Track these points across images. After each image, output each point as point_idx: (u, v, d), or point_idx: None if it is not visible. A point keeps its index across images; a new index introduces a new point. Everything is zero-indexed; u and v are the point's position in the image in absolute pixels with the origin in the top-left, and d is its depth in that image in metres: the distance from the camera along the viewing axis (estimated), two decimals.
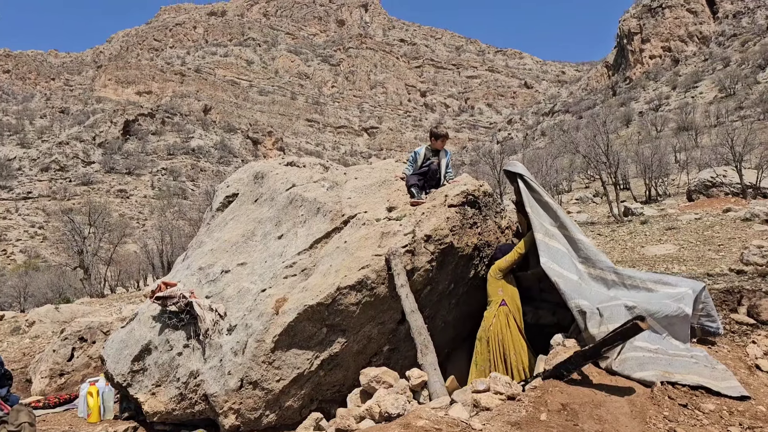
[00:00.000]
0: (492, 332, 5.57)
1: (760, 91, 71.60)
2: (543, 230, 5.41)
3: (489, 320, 5.65)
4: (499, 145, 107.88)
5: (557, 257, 5.22)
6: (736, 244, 13.94)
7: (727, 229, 16.53)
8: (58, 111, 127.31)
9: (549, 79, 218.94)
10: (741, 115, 66.83)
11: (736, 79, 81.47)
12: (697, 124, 66.62)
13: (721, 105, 74.68)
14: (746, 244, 13.11)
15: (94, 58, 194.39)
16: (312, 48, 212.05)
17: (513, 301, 5.72)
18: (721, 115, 68.87)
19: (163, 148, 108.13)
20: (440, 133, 6.61)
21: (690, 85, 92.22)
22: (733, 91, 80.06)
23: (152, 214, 74.73)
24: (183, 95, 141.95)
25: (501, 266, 5.82)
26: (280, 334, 5.26)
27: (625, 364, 4.30)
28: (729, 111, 70.15)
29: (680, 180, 40.86)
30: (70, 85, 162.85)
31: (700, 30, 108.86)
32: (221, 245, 6.91)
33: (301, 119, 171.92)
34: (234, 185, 8.08)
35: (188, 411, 5.70)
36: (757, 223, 16.50)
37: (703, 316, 4.94)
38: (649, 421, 3.65)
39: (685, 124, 67.30)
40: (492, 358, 5.55)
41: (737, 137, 31.98)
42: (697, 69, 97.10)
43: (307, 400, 5.54)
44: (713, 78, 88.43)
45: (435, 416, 3.63)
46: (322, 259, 5.79)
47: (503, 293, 5.73)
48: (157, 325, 6.14)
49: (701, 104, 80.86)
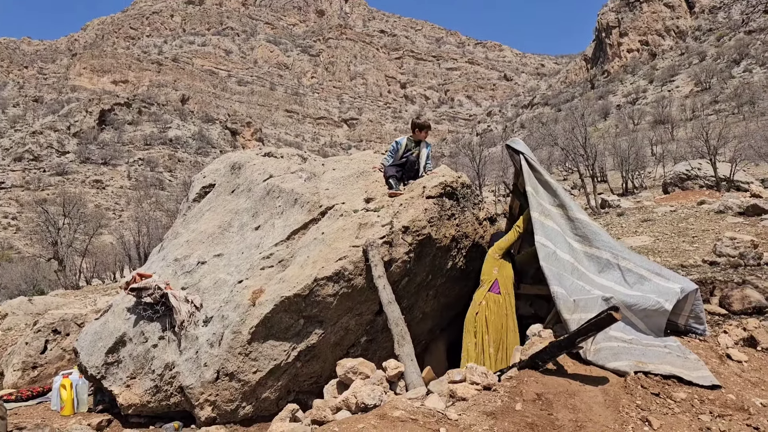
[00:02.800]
0: (479, 319, 5.58)
1: (735, 85, 72.77)
2: (539, 209, 5.41)
3: (478, 300, 5.66)
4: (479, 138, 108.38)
5: (551, 236, 5.23)
6: (709, 235, 14.17)
7: (701, 221, 16.79)
8: (32, 100, 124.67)
9: (528, 72, 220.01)
10: (716, 109, 67.89)
11: (711, 74, 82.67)
12: (673, 117, 67.53)
13: (696, 99, 75.75)
14: (719, 236, 13.32)
15: (68, 46, 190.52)
16: (291, 38, 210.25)
17: (506, 282, 5.73)
18: (697, 109, 69.89)
19: (140, 138, 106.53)
20: (423, 125, 6.60)
21: (667, 79, 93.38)
22: (708, 85, 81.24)
23: (129, 205, 73.75)
24: (160, 85, 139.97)
25: (501, 245, 5.84)
26: (256, 326, 5.23)
27: (599, 354, 4.34)
28: (704, 105, 71.21)
29: (656, 173, 41.42)
30: (44, 73, 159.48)
31: (677, 24, 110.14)
32: (197, 236, 6.83)
33: (281, 110, 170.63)
34: (211, 176, 7.99)
35: (164, 403, 5.64)
36: (730, 216, 16.79)
37: (691, 318, 4.97)
38: (622, 409, 3.69)
39: (662, 118, 68.20)
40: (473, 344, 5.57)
41: (712, 131, 32.47)
42: (673, 63, 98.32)
43: (284, 391, 5.52)
44: (689, 72, 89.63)
45: (411, 406, 3.63)
46: (300, 250, 5.76)
47: (498, 272, 5.74)
48: (132, 317, 6.06)
49: (677, 98, 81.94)
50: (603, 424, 3.51)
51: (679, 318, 4.95)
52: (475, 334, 5.61)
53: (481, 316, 5.59)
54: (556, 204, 5.51)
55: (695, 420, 3.61)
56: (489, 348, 5.48)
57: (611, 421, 3.56)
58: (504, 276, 5.75)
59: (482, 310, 5.61)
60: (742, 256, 9.78)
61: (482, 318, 5.58)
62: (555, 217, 5.43)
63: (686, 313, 4.93)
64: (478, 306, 5.66)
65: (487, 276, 5.78)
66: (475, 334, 5.61)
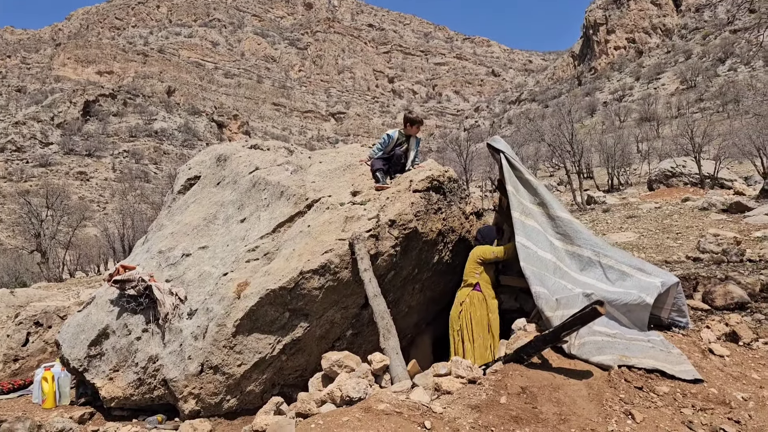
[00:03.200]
0: (463, 317, 5.60)
1: (720, 84, 73.50)
2: (520, 208, 5.41)
3: (461, 299, 5.67)
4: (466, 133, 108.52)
5: (532, 235, 5.23)
6: (693, 232, 14.32)
7: (685, 218, 16.97)
8: (15, 90, 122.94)
9: (516, 68, 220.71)
10: (701, 107, 68.59)
11: (697, 72, 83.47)
12: (659, 115, 68.15)
13: (682, 97, 76.48)
14: (703, 233, 13.47)
15: (52, 36, 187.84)
16: (279, 31, 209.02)
17: (486, 287, 5.74)
18: (682, 107, 70.56)
19: (125, 129, 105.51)
20: (415, 119, 6.57)
21: (653, 77, 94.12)
22: (694, 83, 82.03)
23: (113, 198, 73.11)
24: (146, 76, 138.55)
25: (485, 256, 5.79)
26: (241, 319, 5.20)
27: (583, 348, 4.36)
28: (690, 103, 71.90)
29: (642, 170, 41.77)
30: (27, 63, 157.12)
31: (664, 22, 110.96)
32: (182, 228, 6.78)
33: (268, 103, 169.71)
34: (196, 168, 7.92)
35: (147, 396, 5.60)
36: (714, 213, 16.97)
37: (674, 311, 5.01)
38: (605, 403, 3.71)
39: (648, 115, 68.79)
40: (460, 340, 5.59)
41: (697, 129, 32.80)
42: (660, 61, 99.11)
43: (268, 384, 5.49)
44: (675, 70, 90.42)
45: (396, 399, 3.63)
46: (285, 243, 5.73)
47: (480, 276, 5.75)
48: (115, 309, 6.00)
49: (663, 95, 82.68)
50: (587, 417, 3.53)
51: (662, 312, 4.99)
52: (460, 332, 5.62)
53: (465, 313, 5.61)
54: (537, 202, 5.51)
55: (678, 413, 3.64)
56: (473, 344, 5.49)
57: (595, 414, 3.58)
58: (484, 280, 5.77)
59: (465, 308, 5.62)
60: (725, 253, 9.88)
61: (466, 315, 5.60)
62: (536, 215, 5.43)
63: (668, 306, 4.97)
64: (460, 305, 5.67)
65: (469, 278, 5.78)
66: (460, 332, 5.62)
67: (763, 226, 13.46)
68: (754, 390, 3.97)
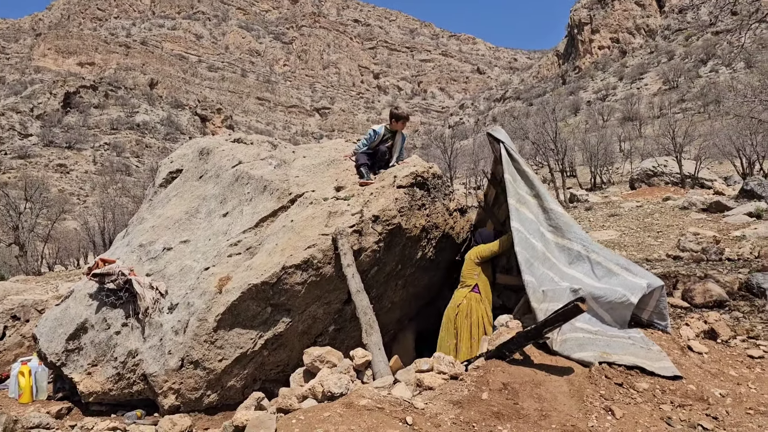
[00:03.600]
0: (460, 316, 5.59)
1: (701, 84, 74.38)
2: (516, 197, 5.42)
3: (458, 300, 5.66)
4: (451, 130, 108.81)
5: (525, 223, 5.25)
6: (673, 231, 14.47)
7: (666, 216, 17.16)
8: None
9: (501, 66, 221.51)
10: (683, 108, 69.38)
11: (679, 73, 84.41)
12: (641, 114, 68.83)
13: (664, 97, 77.31)
14: (683, 232, 13.63)
15: (32, 26, 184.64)
16: (264, 24, 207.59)
17: (485, 287, 5.76)
18: (664, 107, 71.30)
19: (106, 122, 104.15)
20: (401, 115, 6.55)
21: (636, 77, 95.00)
22: (676, 84, 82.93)
23: (94, 191, 72.18)
24: (128, 68, 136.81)
25: (483, 254, 5.79)
26: (223, 313, 5.15)
27: (565, 345, 4.39)
28: (672, 103, 72.69)
29: (624, 168, 42.17)
30: (6, 53, 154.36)
31: (647, 23, 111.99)
32: (163, 222, 6.70)
33: (252, 97, 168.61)
34: (178, 161, 7.83)
35: (126, 391, 5.54)
36: (694, 212, 17.18)
37: (655, 314, 5.03)
38: (586, 399, 3.74)
39: (630, 115, 69.44)
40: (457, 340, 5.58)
41: (678, 129, 33.15)
42: (643, 61, 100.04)
43: (250, 380, 5.46)
44: (658, 70, 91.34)
45: (378, 395, 3.62)
46: (268, 237, 5.69)
47: (479, 277, 5.75)
48: (94, 303, 5.92)
49: (646, 95, 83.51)
50: (567, 413, 3.55)
51: (643, 313, 5.02)
52: (456, 334, 5.61)
53: (462, 315, 5.60)
54: (533, 194, 5.52)
55: (657, 410, 3.67)
56: (471, 347, 5.49)
57: (575, 410, 3.60)
58: (483, 281, 5.77)
59: (463, 309, 5.61)
60: (704, 251, 10.00)
61: (463, 318, 5.59)
62: (531, 206, 5.45)
63: (650, 308, 5.00)
64: (457, 307, 5.66)
65: (467, 279, 5.78)
66: (456, 334, 5.61)
67: (742, 225, 13.65)
68: (731, 386, 4.02)
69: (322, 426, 3.20)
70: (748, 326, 5.40)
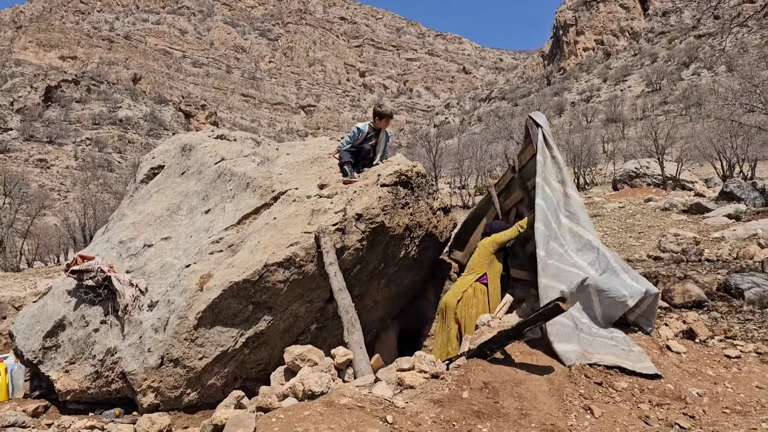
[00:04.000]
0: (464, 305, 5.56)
1: (684, 87, 75.29)
2: (543, 176, 5.46)
3: (463, 287, 5.64)
4: (436, 129, 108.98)
5: (548, 202, 5.29)
6: (655, 232, 14.62)
7: (648, 217, 17.33)
8: None
9: (487, 66, 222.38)
10: (665, 110, 70.14)
11: (662, 75, 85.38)
12: (624, 116, 69.52)
13: (647, 99, 78.11)
14: (664, 233, 13.77)
15: (13, 18, 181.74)
16: (249, 21, 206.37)
17: (494, 278, 5.74)
18: (647, 109, 72.02)
19: (88, 117, 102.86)
20: (384, 113, 6.54)
21: (620, 79, 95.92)
22: (659, 86, 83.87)
23: (75, 186, 71.22)
24: (111, 62, 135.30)
25: (499, 239, 5.77)
26: (203, 311, 5.11)
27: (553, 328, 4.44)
28: (654, 105, 73.46)
29: (607, 169, 42.53)
30: None
31: (631, 25, 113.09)
32: (144, 218, 6.63)
33: (237, 94, 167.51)
34: (160, 157, 7.76)
35: (104, 389, 5.47)
36: (675, 213, 17.37)
37: (642, 317, 5.08)
38: (565, 398, 3.76)
39: (614, 116, 70.11)
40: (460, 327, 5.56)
41: (661, 131, 33.51)
42: (626, 63, 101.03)
43: (230, 378, 5.42)
44: (641, 73, 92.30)
45: (358, 394, 3.61)
46: (250, 235, 5.65)
47: (489, 267, 5.74)
48: (73, 300, 5.84)
49: (629, 97, 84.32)
50: (547, 412, 3.56)
51: (631, 314, 5.07)
52: (458, 320, 5.59)
53: (465, 303, 5.57)
54: (559, 180, 5.57)
55: (635, 409, 3.70)
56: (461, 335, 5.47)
57: (555, 409, 3.62)
58: (494, 271, 5.76)
59: (467, 298, 5.59)
60: (684, 252, 10.12)
61: (465, 305, 5.57)
62: (555, 190, 5.49)
63: (639, 311, 5.04)
64: (461, 293, 5.63)
65: (477, 267, 5.75)
66: (458, 320, 5.59)
67: (722, 226, 13.83)
68: (708, 386, 4.07)
69: (302, 425, 3.18)
70: (725, 326, 5.47)
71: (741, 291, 6.46)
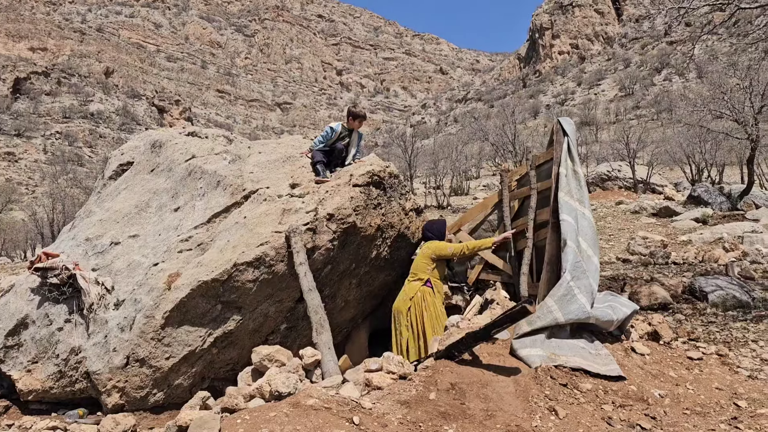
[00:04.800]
0: (415, 310, 5.60)
1: (656, 92, 76.68)
2: (567, 189, 5.40)
3: (411, 293, 5.66)
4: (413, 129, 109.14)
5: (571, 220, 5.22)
6: (624, 234, 14.86)
7: (618, 220, 17.61)
8: None
9: (464, 67, 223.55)
10: (637, 114, 71.36)
11: (635, 80, 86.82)
12: (598, 120, 70.48)
13: (620, 103, 79.28)
14: (633, 235, 14.01)
15: None
16: (225, 16, 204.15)
17: (437, 283, 5.79)
18: (620, 113, 72.99)
19: (58, 110, 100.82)
20: (359, 114, 6.53)
21: (594, 83, 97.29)
22: (631, 91, 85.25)
23: (43, 181, 69.72)
24: (82, 55, 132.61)
25: (441, 253, 5.79)
26: (171, 310, 5.04)
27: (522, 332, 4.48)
28: (627, 110, 74.55)
29: None
30: None
31: (606, 31, 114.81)
32: (112, 215, 6.52)
33: (212, 90, 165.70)
34: (129, 153, 7.63)
35: (68, 389, 5.37)
36: (645, 216, 17.68)
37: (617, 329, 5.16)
38: (531, 399, 3.80)
39: (588, 119, 71.01)
40: (411, 336, 5.60)
41: (632, 135, 34.02)
42: (600, 67, 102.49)
43: (198, 378, 5.36)
44: (615, 77, 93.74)
45: (325, 395, 3.60)
46: (220, 234, 5.60)
47: (431, 273, 5.77)
48: (36, 298, 5.71)
49: (603, 101, 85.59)
50: (512, 413, 3.60)
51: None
52: (409, 327, 5.64)
53: (416, 309, 5.62)
54: (577, 198, 5.47)
55: (598, 410, 3.76)
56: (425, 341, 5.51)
57: (520, 410, 3.65)
58: (435, 276, 5.81)
59: (417, 302, 5.64)
60: (652, 255, 10.30)
61: (416, 312, 5.61)
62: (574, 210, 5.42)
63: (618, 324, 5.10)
64: (410, 300, 5.67)
65: (420, 273, 5.80)
66: (409, 327, 5.64)
67: (689, 230, 14.11)
68: (670, 387, 4.15)
69: (267, 426, 3.16)
70: (689, 328, 5.59)
71: (705, 294, 6.60)
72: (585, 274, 4.92)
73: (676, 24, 26.39)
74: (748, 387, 4.17)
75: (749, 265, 8.75)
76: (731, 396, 4.04)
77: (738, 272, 7.96)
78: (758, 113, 16.49)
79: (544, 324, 4.54)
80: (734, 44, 45.81)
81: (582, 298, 4.73)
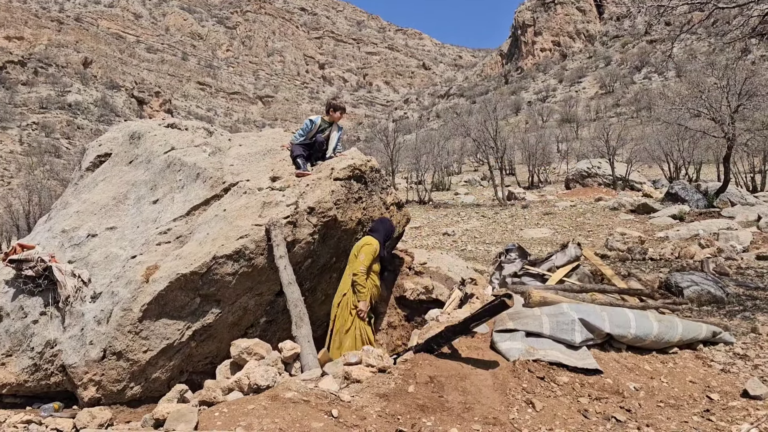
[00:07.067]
0: (343, 307, 5.52)
1: (635, 90, 77.50)
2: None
3: (342, 291, 5.56)
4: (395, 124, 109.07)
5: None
6: (603, 230, 15.04)
7: (597, 216, 17.81)
8: None
9: (446, 62, 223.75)
10: (617, 112, 72.11)
11: (615, 78, 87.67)
12: (578, 117, 71.13)
13: (600, 101, 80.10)
14: (612, 232, 14.19)
15: None
16: (207, 7, 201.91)
17: (374, 275, 5.70)
18: (600, 111, 73.85)
19: (35, 100, 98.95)
20: (338, 106, 6.50)
21: (575, 80, 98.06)
22: (612, 88, 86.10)
23: (19, 172, 68.47)
24: (60, 45, 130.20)
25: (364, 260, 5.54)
26: (149, 303, 5.00)
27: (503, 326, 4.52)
28: (607, 107, 75.41)
29: (561, 168, 43.45)
30: None
31: (587, 28, 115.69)
32: (89, 207, 6.43)
33: (192, 82, 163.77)
34: (107, 144, 7.52)
35: (43, 383, 5.30)
36: (623, 213, 17.91)
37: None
38: (509, 392, 3.83)
39: (568, 117, 71.62)
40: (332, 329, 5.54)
41: (612, 132, 34.36)
42: (582, 65, 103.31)
43: (176, 371, 5.32)
44: (596, 75, 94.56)
45: (304, 388, 3.60)
46: (200, 226, 5.55)
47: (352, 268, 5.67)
48: (11, 291, 5.62)
49: (583, 99, 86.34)
50: (490, 406, 3.63)
51: None
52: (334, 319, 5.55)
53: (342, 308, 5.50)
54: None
55: (575, 402, 3.81)
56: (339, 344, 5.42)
57: (498, 403, 3.68)
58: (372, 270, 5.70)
59: (345, 302, 5.49)
60: (630, 251, 10.43)
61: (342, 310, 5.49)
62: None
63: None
64: (342, 296, 5.55)
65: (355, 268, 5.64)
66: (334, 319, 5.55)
67: (666, 226, 14.32)
68: (645, 380, 4.21)
69: (245, 419, 3.15)
70: None
71: (681, 289, 6.71)
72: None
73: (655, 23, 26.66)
74: (720, 380, 4.25)
75: (724, 262, 8.90)
76: (704, 389, 4.11)
77: (713, 268, 8.10)
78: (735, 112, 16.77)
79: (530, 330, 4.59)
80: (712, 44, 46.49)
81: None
